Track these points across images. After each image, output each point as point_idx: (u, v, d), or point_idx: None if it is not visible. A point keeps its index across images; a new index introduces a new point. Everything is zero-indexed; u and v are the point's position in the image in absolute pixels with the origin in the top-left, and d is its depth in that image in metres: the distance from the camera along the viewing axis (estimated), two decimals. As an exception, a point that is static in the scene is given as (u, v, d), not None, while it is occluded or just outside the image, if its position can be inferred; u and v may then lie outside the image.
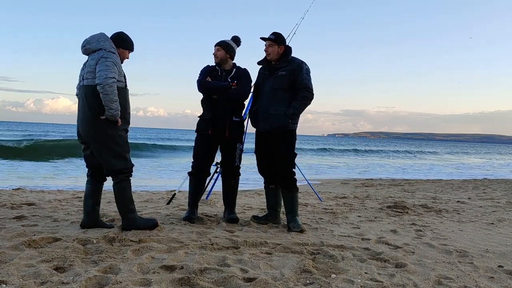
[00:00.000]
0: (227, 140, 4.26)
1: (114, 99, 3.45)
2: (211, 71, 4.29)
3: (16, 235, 3.33)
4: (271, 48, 4.15)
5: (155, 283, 2.42)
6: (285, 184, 4.17)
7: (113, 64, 3.50)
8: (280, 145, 4.12)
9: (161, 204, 5.53)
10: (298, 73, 4.08)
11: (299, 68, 4.09)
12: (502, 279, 2.83)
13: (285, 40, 4.23)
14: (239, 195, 5.06)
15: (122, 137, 3.65)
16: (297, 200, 4.23)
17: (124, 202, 3.70)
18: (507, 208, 6.32)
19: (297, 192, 4.21)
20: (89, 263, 2.76)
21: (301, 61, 4.18)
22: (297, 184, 4.20)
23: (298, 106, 4.08)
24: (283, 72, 4.11)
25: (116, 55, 3.61)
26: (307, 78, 4.09)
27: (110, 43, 3.66)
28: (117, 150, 3.60)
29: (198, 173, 4.34)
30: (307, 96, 4.10)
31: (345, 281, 2.63)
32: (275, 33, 4.17)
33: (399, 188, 9.63)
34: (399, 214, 5.42)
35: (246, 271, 2.69)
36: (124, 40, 3.78)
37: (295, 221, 4.11)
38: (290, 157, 4.15)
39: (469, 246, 3.73)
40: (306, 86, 4.08)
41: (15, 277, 2.41)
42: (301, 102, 4.09)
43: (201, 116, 4.33)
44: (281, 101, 4.10)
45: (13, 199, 5.35)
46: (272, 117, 4.11)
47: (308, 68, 4.15)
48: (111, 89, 3.43)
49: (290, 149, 4.15)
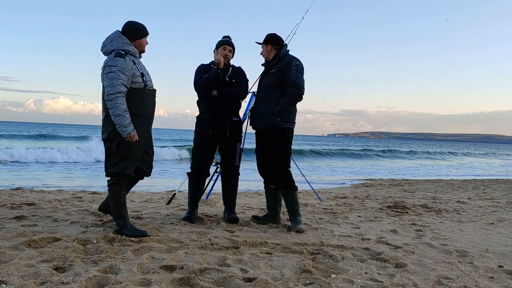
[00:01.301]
0: (227, 140, 4.25)
1: (116, 113, 3.33)
2: (207, 70, 4.24)
3: (16, 235, 3.33)
4: (262, 50, 4.29)
5: (155, 283, 2.42)
6: (282, 184, 4.17)
7: (119, 72, 3.36)
8: (272, 144, 4.12)
9: (161, 204, 5.52)
10: (287, 70, 4.05)
11: (288, 65, 4.07)
12: (502, 279, 2.83)
13: (275, 39, 4.25)
14: (239, 195, 5.07)
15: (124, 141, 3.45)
16: (296, 200, 4.19)
17: (114, 206, 3.57)
18: (507, 208, 6.32)
19: (295, 191, 4.18)
20: (89, 263, 2.76)
21: (292, 57, 4.15)
22: (295, 184, 4.18)
23: (284, 104, 4.01)
24: (273, 70, 4.14)
25: (124, 58, 3.43)
26: (295, 74, 4.02)
27: (122, 40, 3.52)
28: (114, 153, 3.48)
29: (198, 174, 4.33)
30: (294, 93, 4.03)
31: (345, 281, 2.63)
32: (269, 34, 4.27)
33: (399, 188, 9.62)
34: (399, 214, 5.41)
35: (246, 271, 2.69)
36: (136, 30, 3.60)
37: (295, 221, 4.10)
38: (282, 156, 4.13)
39: (469, 246, 3.73)
40: (294, 82, 4.01)
41: (15, 277, 2.41)
42: (288, 99, 4.02)
43: (199, 116, 4.31)
44: (270, 99, 4.10)
45: (13, 199, 5.35)
46: (262, 116, 4.13)
47: (298, 64, 4.09)
48: (112, 103, 3.34)
49: (282, 148, 4.12)
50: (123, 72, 3.38)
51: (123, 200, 3.56)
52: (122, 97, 3.37)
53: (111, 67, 3.38)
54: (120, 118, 3.34)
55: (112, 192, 3.55)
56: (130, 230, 3.51)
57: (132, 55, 3.54)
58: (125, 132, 3.36)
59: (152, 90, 3.64)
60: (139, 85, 3.50)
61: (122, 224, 3.53)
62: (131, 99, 3.44)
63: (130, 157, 3.50)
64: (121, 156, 3.47)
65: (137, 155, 3.56)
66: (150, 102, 3.62)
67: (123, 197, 3.56)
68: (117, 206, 3.55)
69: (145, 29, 3.66)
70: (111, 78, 3.35)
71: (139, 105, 3.50)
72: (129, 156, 3.49)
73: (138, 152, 3.56)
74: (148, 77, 3.63)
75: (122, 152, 3.47)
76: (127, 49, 3.50)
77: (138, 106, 3.49)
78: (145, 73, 3.59)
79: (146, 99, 3.57)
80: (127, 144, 3.44)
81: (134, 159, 3.54)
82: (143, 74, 3.55)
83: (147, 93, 3.57)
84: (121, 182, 3.53)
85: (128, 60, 3.45)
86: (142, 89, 3.52)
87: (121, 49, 3.47)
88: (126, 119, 3.36)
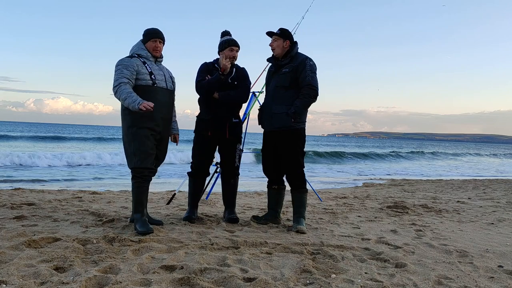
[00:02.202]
0: (227, 141, 4.25)
1: (122, 97, 3.53)
2: (211, 70, 4.21)
3: (16, 235, 3.33)
4: (276, 43, 4.09)
5: (155, 283, 2.42)
6: (293, 184, 4.13)
7: (122, 68, 3.62)
8: (286, 145, 4.07)
9: (161, 204, 5.52)
10: (302, 70, 3.97)
11: (303, 65, 3.98)
12: (502, 279, 2.83)
13: (291, 35, 4.14)
14: (239, 195, 5.07)
15: (138, 135, 3.64)
16: (304, 201, 4.15)
17: (133, 199, 3.77)
18: (507, 208, 6.32)
19: (304, 193, 4.15)
20: (89, 263, 2.76)
21: (306, 57, 4.06)
22: (306, 185, 4.15)
23: (299, 105, 3.95)
24: (286, 69, 4.03)
25: (132, 57, 3.70)
26: (310, 75, 3.96)
27: (139, 46, 3.82)
28: (129, 148, 3.70)
29: (198, 174, 4.33)
30: (310, 94, 3.97)
31: (345, 281, 2.63)
32: (281, 28, 4.12)
33: (399, 188, 9.63)
34: (399, 214, 5.41)
35: (246, 271, 2.69)
36: (144, 35, 3.85)
37: (297, 221, 4.07)
38: (296, 157, 4.08)
39: (469, 246, 3.73)
40: (309, 83, 3.95)
41: (15, 277, 2.41)
42: (303, 100, 3.96)
43: (199, 116, 4.30)
44: (283, 99, 4.02)
45: (13, 199, 5.35)
46: (274, 116, 4.06)
47: (312, 64, 4.02)
48: (117, 91, 3.58)
49: (295, 149, 4.08)
50: (126, 68, 3.63)
51: (141, 195, 3.74)
52: (124, 84, 3.57)
53: (117, 66, 3.67)
54: (127, 99, 3.51)
55: (132, 186, 3.74)
56: (140, 225, 3.62)
57: (145, 58, 3.77)
58: (135, 105, 3.46)
59: (162, 89, 3.77)
60: (146, 82, 3.68)
61: (136, 218, 3.69)
62: (140, 96, 3.58)
63: (142, 151, 3.66)
64: (134, 150, 3.66)
65: (149, 147, 3.71)
66: (159, 99, 3.72)
67: (142, 191, 3.74)
68: (134, 199, 3.76)
69: (152, 33, 3.84)
70: (115, 74, 3.64)
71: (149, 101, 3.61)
72: (141, 150, 3.66)
73: (150, 145, 3.71)
74: (161, 77, 3.78)
75: (135, 146, 3.66)
76: (139, 53, 3.78)
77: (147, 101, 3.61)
78: (156, 73, 3.76)
79: (153, 95, 3.68)
80: (138, 138, 3.63)
81: (147, 152, 3.69)
82: (153, 73, 3.73)
83: (154, 91, 3.72)
84: (142, 176, 3.69)
85: (134, 59, 3.69)
86: (148, 86, 3.69)
87: (136, 53, 3.78)
88: (132, 97, 3.51)
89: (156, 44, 3.80)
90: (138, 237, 3.43)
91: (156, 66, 3.81)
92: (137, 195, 3.72)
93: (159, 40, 3.81)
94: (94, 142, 32.59)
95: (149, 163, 3.69)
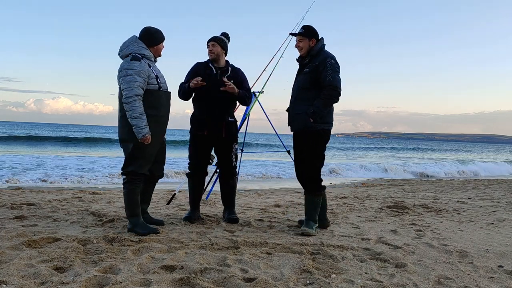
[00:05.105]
0: (223, 140, 4.24)
1: (133, 115, 3.43)
2: (204, 69, 4.19)
3: (16, 235, 3.33)
4: (302, 43, 3.98)
5: (155, 283, 2.42)
6: (306, 186, 4.02)
7: (135, 75, 3.45)
8: (304, 146, 3.94)
9: (161, 204, 5.52)
10: (322, 70, 3.81)
11: (323, 64, 3.82)
12: (502, 279, 2.83)
13: (316, 32, 3.98)
14: (239, 195, 5.07)
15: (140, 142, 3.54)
16: (316, 205, 4.01)
17: (127, 204, 3.64)
18: (507, 208, 6.32)
19: (318, 197, 4.00)
20: (89, 263, 2.76)
21: (327, 55, 3.88)
22: (320, 189, 3.99)
23: (319, 105, 3.79)
24: (307, 69, 3.91)
25: (141, 61, 3.52)
26: (331, 75, 3.79)
27: (138, 44, 3.62)
28: (131, 152, 3.57)
29: (196, 173, 4.33)
30: (331, 94, 3.80)
31: (345, 281, 2.63)
32: (304, 26, 3.99)
33: (399, 188, 9.62)
34: (399, 214, 5.41)
35: (246, 271, 2.69)
36: (153, 37, 3.69)
37: (306, 224, 3.97)
38: (313, 159, 3.94)
39: (469, 246, 3.73)
40: (330, 83, 3.78)
41: (15, 277, 2.41)
42: (323, 101, 3.80)
43: (194, 115, 4.28)
44: (304, 100, 3.91)
45: (13, 199, 5.35)
46: (296, 117, 3.96)
47: (333, 63, 3.84)
48: (129, 106, 3.44)
49: (314, 151, 3.93)
50: (139, 75, 3.47)
51: (136, 199, 3.65)
52: (139, 100, 3.47)
53: (127, 70, 3.47)
54: (137, 120, 3.44)
55: (127, 190, 3.63)
56: (142, 227, 3.58)
57: (147, 58, 3.64)
58: (140, 134, 3.45)
59: (166, 93, 3.72)
60: (154, 87, 3.59)
61: (134, 222, 3.61)
62: (145, 100, 3.52)
63: (145, 157, 3.60)
64: (137, 155, 3.57)
65: (152, 155, 3.66)
66: (164, 104, 3.69)
67: (137, 196, 3.65)
68: (130, 204, 3.64)
69: (162, 35, 3.76)
70: (128, 81, 3.45)
71: (153, 106, 3.57)
72: (144, 156, 3.59)
73: (153, 152, 3.66)
74: (163, 79, 3.72)
75: (138, 152, 3.56)
76: (142, 53, 3.60)
77: (152, 107, 3.56)
78: (159, 75, 3.68)
79: (161, 101, 3.64)
80: (142, 144, 3.53)
81: (149, 159, 3.64)
82: (158, 76, 3.65)
83: (161, 95, 3.65)
84: (136, 181, 3.62)
85: (143, 63, 3.54)
86: (156, 90, 3.61)
87: (137, 53, 3.57)
88: (142, 121, 3.45)
89: (162, 45, 3.77)
90: (138, 237, 3.43)
91: (157, 68, 3.76)
92: (134, 196, 3.62)
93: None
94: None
95: (146, 170, 3.65)
